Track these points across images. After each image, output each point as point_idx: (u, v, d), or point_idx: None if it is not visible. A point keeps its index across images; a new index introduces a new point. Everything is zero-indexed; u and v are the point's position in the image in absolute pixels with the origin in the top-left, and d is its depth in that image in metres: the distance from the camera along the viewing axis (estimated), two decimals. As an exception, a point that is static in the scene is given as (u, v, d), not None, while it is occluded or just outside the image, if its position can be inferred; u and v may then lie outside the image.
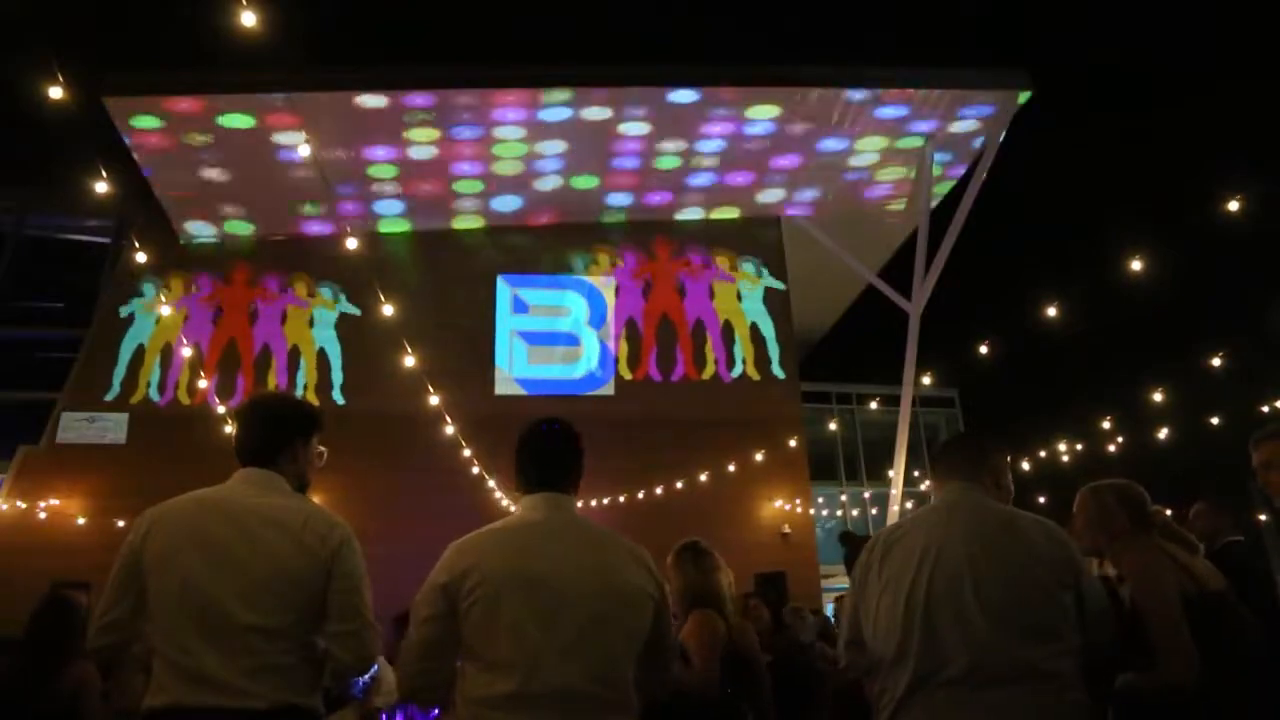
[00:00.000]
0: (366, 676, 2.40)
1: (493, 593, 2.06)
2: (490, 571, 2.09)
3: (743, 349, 15.44)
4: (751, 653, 3.67)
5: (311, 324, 14.92)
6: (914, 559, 2.24)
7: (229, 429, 11.30)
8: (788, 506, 14.48)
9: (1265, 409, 11.17)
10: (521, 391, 14.96)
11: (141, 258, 11.11)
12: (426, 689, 2.19)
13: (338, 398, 14.45)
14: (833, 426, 19.84)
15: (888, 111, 13.65)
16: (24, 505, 12.85)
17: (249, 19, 5.80)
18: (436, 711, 3.42)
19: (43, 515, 12.88)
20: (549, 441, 2.38)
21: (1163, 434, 12.18)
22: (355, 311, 14.85)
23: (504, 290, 15.61)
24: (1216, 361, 10.33)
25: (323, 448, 2.61)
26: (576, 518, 2.30)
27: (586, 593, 2.08)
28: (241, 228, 15.15)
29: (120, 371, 14.31)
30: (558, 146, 14.06)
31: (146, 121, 12.92)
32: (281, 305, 15.02)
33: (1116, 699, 2.24)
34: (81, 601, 3.86)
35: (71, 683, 3.55)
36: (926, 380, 13.29)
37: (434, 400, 10.92)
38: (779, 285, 15.86)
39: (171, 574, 2.23)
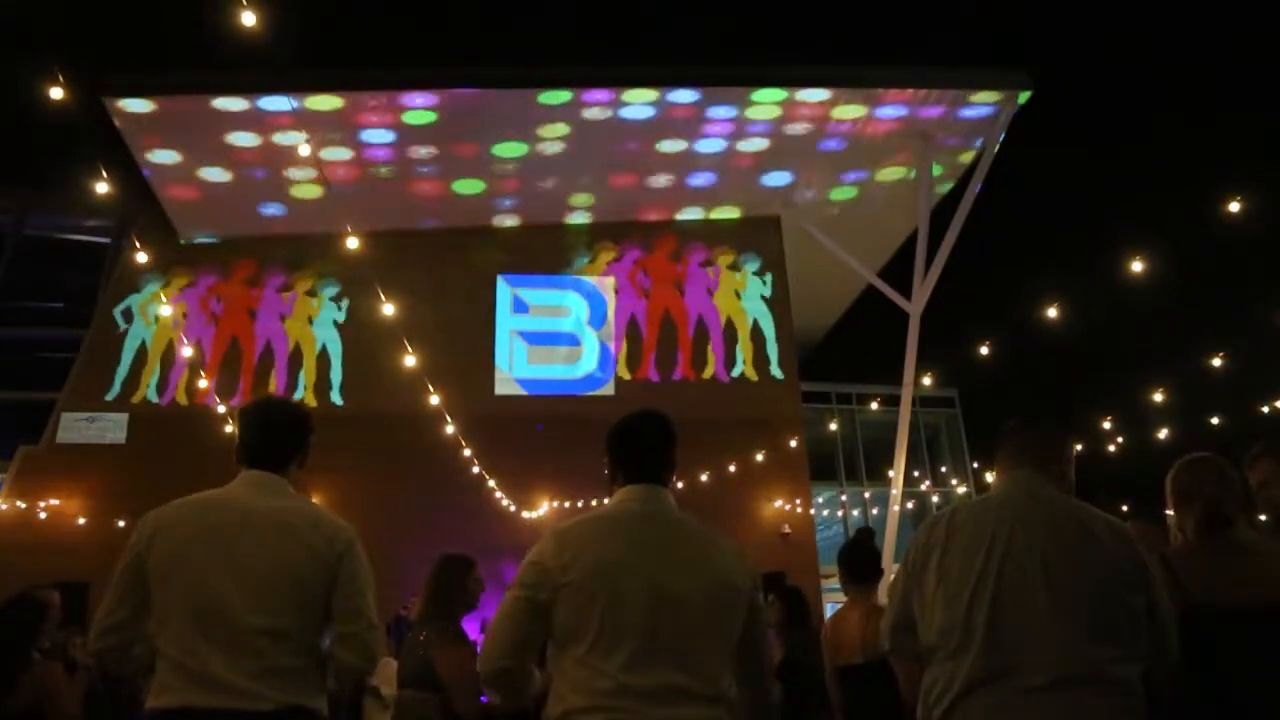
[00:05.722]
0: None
1: (593, 582, 2.02)
2: (592, 561, 2.05)
3: (743, 349, 15.43)
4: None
5: (312, 321, 14.93)
6: (982, 549, 2.17)
7: (229, 429, 11.30)
8: (788, 506, 14.48)
9: (1265, 409, 11.15)
10: (521, 391, 14.96)
11: (142, 258, 11.12)
12: (505, 679, 2.06)
13: (336, 398, 14.46)
14: (833, 426, 19.81)
15: (887, 111, 13.67)
16: (24, 505, 12.86)
17: (249, 19, 5.81)
18: None
19: (43, 515, 12.88)
20: (648, 433, 2.38)
21: (1163, 434, 12.18)
22: (342, 318, 14.89)
23: (504, 290, 15.61)
24: (1217, 361, 10.31)
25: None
26: (674, 510, 2.27)
27: (687, 586, 2.04)
28: (240, 227, 15.16)
29: (123, 371, 14.32)
30: (557, 146, 14.06)
31: (143, 112, 12.92)
32: (280, 302, 15.02)
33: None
34: (52, 601, 3.75)
35: (34, 686, 3.48)
36: (926, 380, 13.27)
37: (434, 400, 10.92)
38: (775, 287, 15.85)
39: (178, 577, 2.23)
